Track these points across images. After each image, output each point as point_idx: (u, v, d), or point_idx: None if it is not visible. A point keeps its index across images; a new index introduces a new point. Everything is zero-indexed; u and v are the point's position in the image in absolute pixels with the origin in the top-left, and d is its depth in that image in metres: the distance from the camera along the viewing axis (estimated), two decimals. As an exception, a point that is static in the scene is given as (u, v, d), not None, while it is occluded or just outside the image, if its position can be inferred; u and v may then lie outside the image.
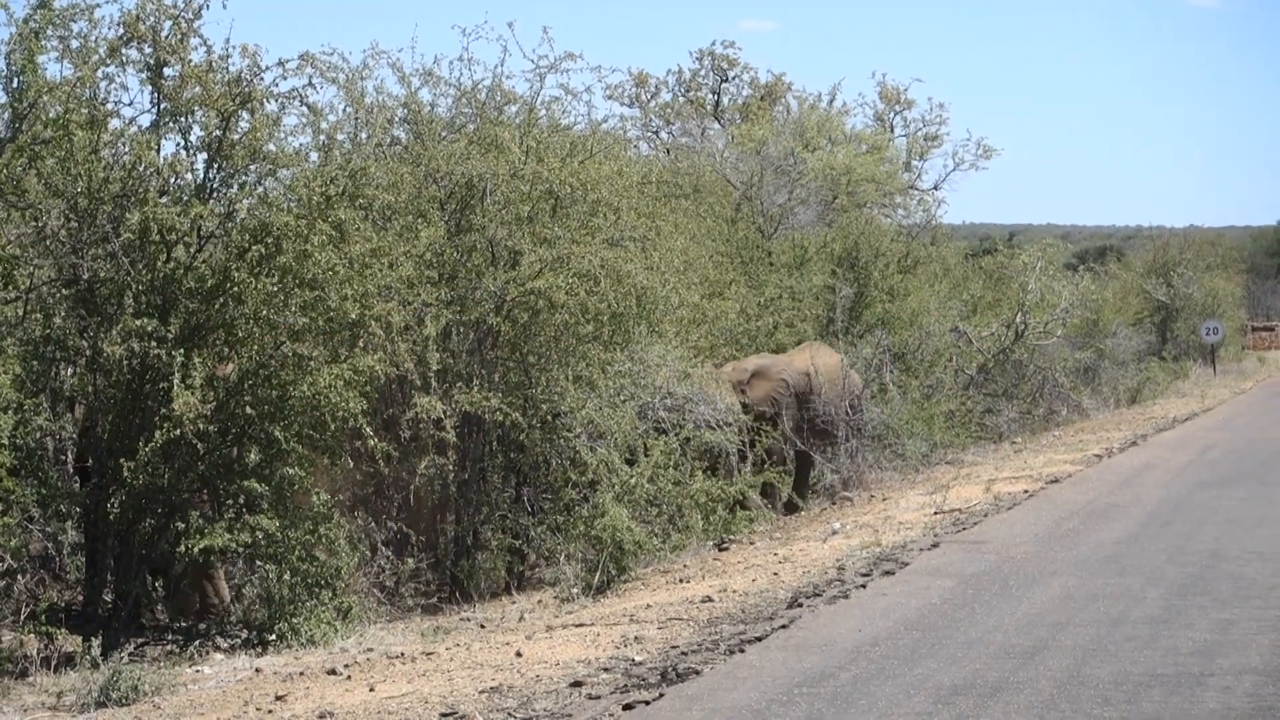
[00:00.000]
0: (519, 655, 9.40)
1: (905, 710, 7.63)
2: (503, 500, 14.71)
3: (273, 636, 11.35)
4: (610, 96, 35.76)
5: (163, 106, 11.96)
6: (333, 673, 9.47)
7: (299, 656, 10.63)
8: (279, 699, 8.72)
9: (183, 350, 11.26)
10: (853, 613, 10.11)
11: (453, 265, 14.32)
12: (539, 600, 12.98)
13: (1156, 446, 22.17)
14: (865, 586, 11.03)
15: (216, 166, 12.01)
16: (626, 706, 7.80)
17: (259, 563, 11.97)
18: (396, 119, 15.45)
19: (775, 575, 11.84)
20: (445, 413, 13.35)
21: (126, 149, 11.77)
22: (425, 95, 15.69)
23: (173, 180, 11.91)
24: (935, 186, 38.74)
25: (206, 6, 11.94)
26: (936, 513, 15.02)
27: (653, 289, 15.38)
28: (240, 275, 11.57)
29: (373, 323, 12.10)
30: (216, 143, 11.90)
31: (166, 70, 11.89)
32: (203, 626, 12.20)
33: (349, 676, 9.30)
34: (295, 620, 11.40)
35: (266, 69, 12.02)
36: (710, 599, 10.89)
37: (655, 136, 35.90)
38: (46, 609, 11.09)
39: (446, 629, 11.63)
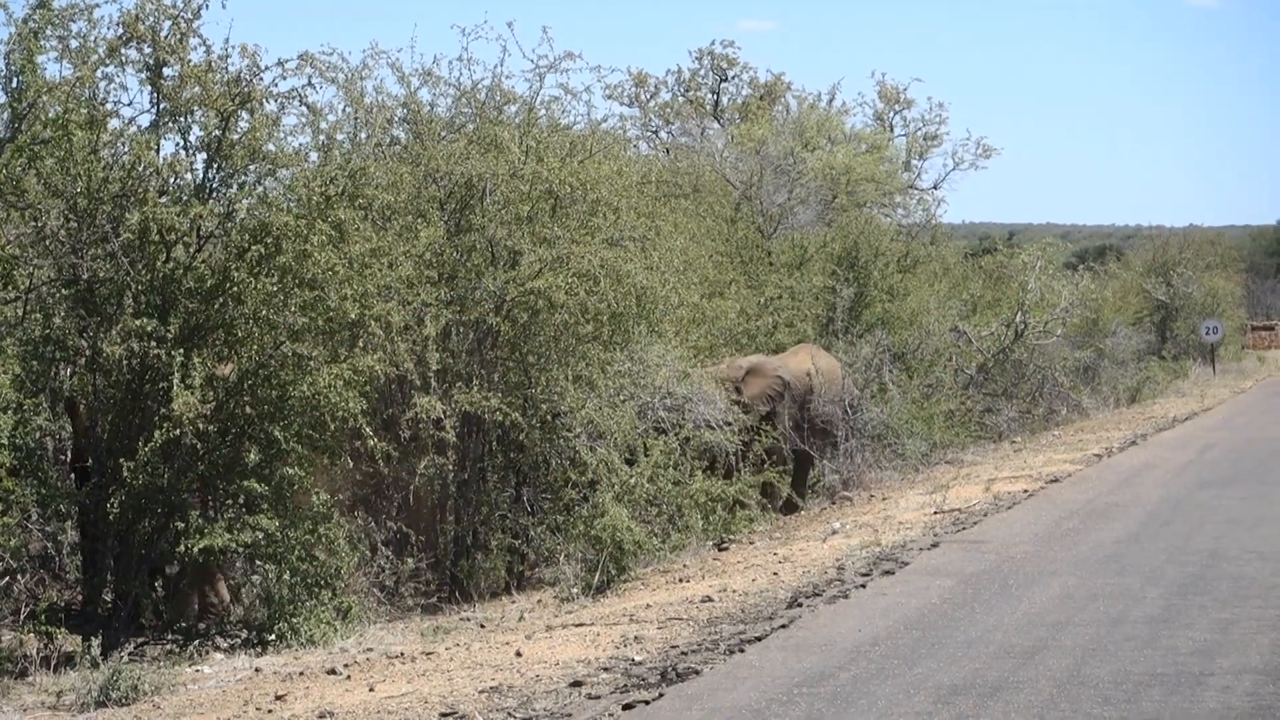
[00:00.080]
0: (519, 655, 9.40)
1: (905, 710, 7.63)
2: (502, 500, 14.69)
3: (272, 636, 11.35)
4: (610, 96, 35.82)
5: (162, 106, 11.95)
6: (332, 672, 9.47)
7: (299, 656, 10.63)
8: (279, 699, 8.72)
9: (182, 350, 11.26)
10: (852, 612, 10.11)
11: (452, 265, 14.31)
12: (539, 600, 12.98)
13: (1156, 446, 22.17)
14: (865, 586, 11.03)
15: (216, 166, 12.01)
16: (626, 706, 7.80)
17: (259, 563, 11.97)
18: (396, 119, 15.44)
19: (775, 575, 11.84)
20: (445, 413, 13.35)
21: (126, 149, 11.76)
22: (425, 95, 15.72)
23: (172, 180, 11.90)
24: (935, 186, 38.81)
25: (206, 6, 11.94)
26: (936, 512, 15.02)
27: (652, 289, 15.38)
28: (240, 275, 11.57)
29: (372, 323, 12.10)
30: (216, 143, 11.90)
31: (166, 70, 11.88)
32: (203, 626, 12.20)
33: (349, 676, 9.30)
34: (295, 620, 11.39)
35: (266, 69, 12.03)
36: (710, 599, 10.89)
37: (655, 136, 35.91)
38: (46, 609, 11.10)
39: (446, 629, 11.63)
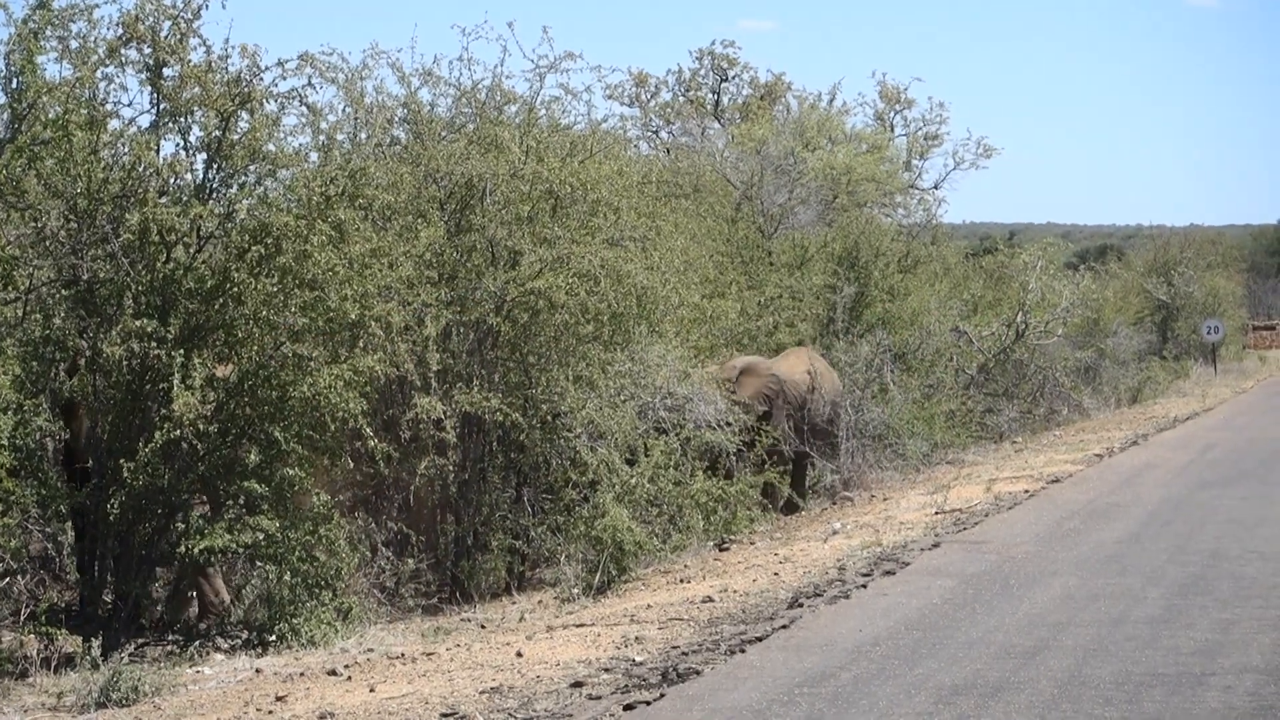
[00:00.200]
0: (519, 656, 9.40)
1: (906, 710, 7.62)
2: (503, 501, 14.69)
3: (273, 637, 11.34)
4: (610, 96, 35.81)
5: (162, 107, 11.95)
6: (333, 673, 9.46)
7: (299, 657, 10.62)
8: (279, 699, 8.71)
9: (183, 351, 11.26)
10: (853, 613, 10.10)
11: (452, 265, 14.31)
12: (539, 601, 12.97)
13: (1157, 446, 22.16)
14: (866, 586, 11.02)
15: (216, 167, 12.00)
16: (627, 707, 7.79)
17: (259, 563, 11.96)
18: (396, 119, 15.44)
19: (776, 575, 11.83)
20: (445, 413, 13.35)
21: (126, 149, 11.76)
22: (425, 95, 15.72)
23: (172, 181, 11.90)
24: (935, 186, 38.81)
25: (206, 7, 11.94)
26: (937, 512, 15.01)
27: (653, 289, 15.37)
28: (240, 276, 11.56)
29: (372, 323, 12.09)
30: (216, 143, 11.89)
31: (166, 71, 11.88)
32: (203, 627, 12.19)
33: (349, 677, 9.29)
34: (295, 621, 11.39)
35: (266, 69, 12.02)
36: (711, 599, 10.88)
37: (655, 136, 35.90)
38: (46, 609, 11.09)
39: (447, 629, 11.62)
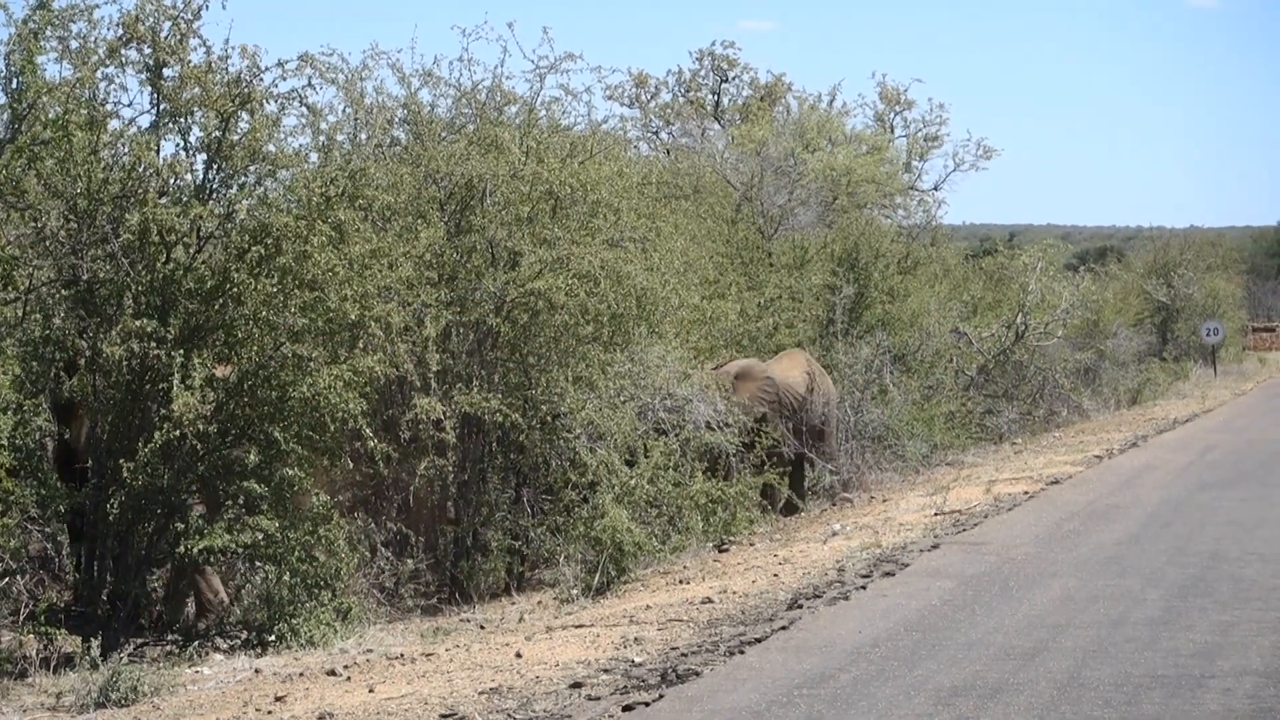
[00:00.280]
0: (519, 656, 9.40)
1: (905, 712, 7.62)
2: (502, 501, 14.69)
3: (272, 637, 11.34)
4: (610, 97, 35.82)
5: (162, 107, 11.94)
6: (332, 674, 9.47)
7: (298, 657, 10.63)
8: (278, 700, 8.71)
9: (182, 351, 11.25)
10: (853, 614, 10.10)
11: (452, 266, 14.30)
12: (539, 601, 12.97)
13: (1157, 448, 22.16)
14: (865, 588, 11.02)
15: (216, 167, 12.00)
16: (626, 708, 7.79)
17: (259, 563, 11.96)
18: (396, 119, 15.44)
19: (775, 577, 11.83)
20: (445, 414, 13.35)
21: (126, 150, 11.75)
22: (425, 96, 15.71)
23: (172, 181, 11.89)
24: (935, 187, 38.82)
25: (206, 7, 11.92)
26: (937, 514, 15.01)
27: (653, 290, 15.37)
28: (240, 276, 11.56)
29: (372, 324, 12.09)
30: (216, 143, 11.88)
31: (166, 71, 11.87)
32: (202, 626, 12.19)
33: (348, 677, 9.30)
34: (295, 621, 11.39)
35: (266, 70, 12.01)
36: (710, 600, 10.88)
37: (655, 137, 35.90)
38: (46, 609, 11.09)
39: (446, 630, 11.62)
